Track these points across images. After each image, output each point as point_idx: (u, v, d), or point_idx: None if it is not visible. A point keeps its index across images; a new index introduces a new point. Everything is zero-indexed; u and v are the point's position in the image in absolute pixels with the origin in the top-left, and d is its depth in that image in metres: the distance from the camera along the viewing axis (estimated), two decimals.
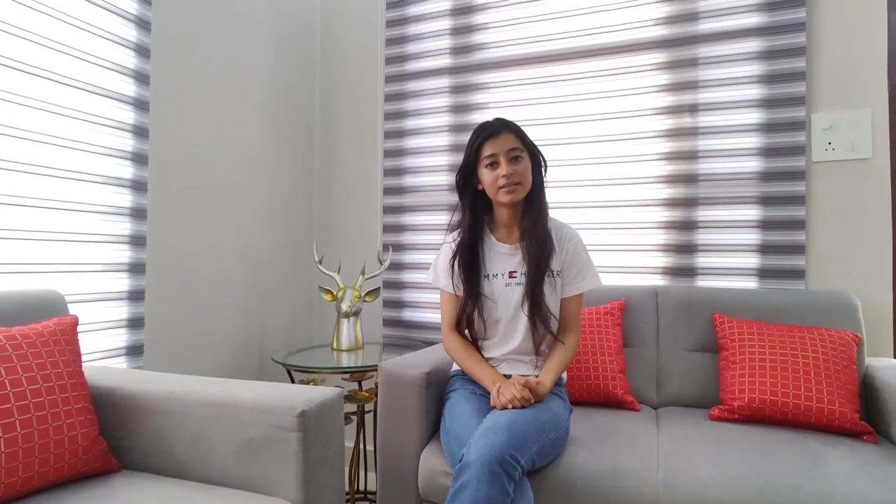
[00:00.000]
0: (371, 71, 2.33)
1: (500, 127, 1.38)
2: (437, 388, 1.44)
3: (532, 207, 1.41)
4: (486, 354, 1.42)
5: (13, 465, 0.92)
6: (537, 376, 1.33)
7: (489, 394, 1.36)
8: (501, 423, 1.12)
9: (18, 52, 1.29)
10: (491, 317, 1.40)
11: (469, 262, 1.41)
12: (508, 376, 1.34)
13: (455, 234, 1.47)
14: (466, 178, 1.43)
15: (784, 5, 1.76)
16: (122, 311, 1.56)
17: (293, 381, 1.87)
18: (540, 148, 1.43)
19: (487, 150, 1.36)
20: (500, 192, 1.36)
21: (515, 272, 1.40)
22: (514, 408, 1.20)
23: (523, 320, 1.37)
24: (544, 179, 1.44)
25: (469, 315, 1.41)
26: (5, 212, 1.28)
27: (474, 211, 1.45)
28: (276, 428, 1.05)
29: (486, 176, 1.38)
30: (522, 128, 1.41)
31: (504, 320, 1.40)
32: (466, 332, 1.44)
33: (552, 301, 1.39)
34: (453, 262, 1.42)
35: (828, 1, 1.74)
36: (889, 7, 1.70)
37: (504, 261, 1.42)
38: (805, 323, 1.55)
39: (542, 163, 1.43)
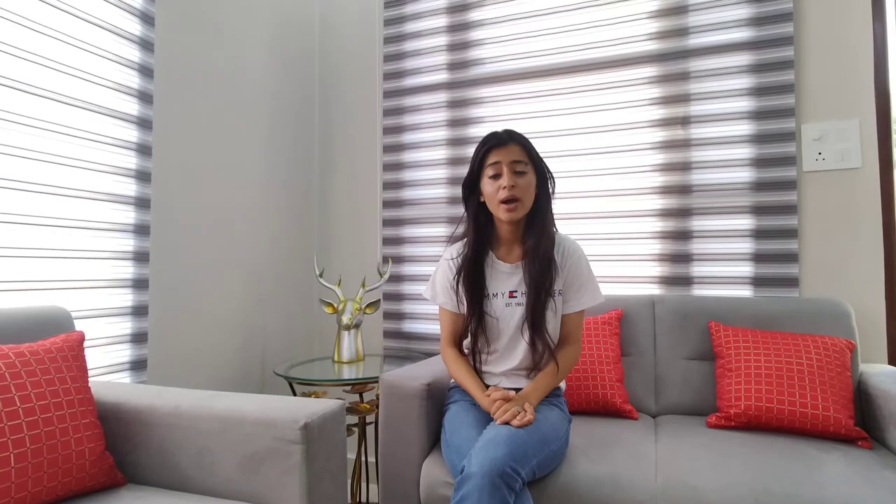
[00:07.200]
0: (369, 86, 2.37)
1: (508, 138, 1.37)
2: (438, 399, 1.45)
3: (535, 227, 1.38)
4: (488, 369, 1.41)
5: (22, 481, 0.93)
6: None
7: None
8: (502, 435, 1.12)
9: (23, 74, 1.32)
10: (493, 335, 1.39)
11: (473, 278, 1.39)
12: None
13: (453, 249, 1.46)
14: (471, 190, 1.42)
15: (772, 20, 1.80)
16: (126, 326, 1.58)
17: (295, 394, 1.88)
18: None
19: (492, 158, 1.35)
20: (500, 207, 1.34)
21: (515, 292, 1.38)
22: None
23: (524, 340, 1.36)
24: (551, 198, 1.42)
25: (473, 333, 1.38)
26: (11, 230, 1.31)
27: (478, 224, 1.42)
28: (280, 441, 1.07)
29: (488, 187, 1.36)
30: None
31: (505, 339, 1.38)
32: (469, 347, 1.41)
33: (553, 323, 1.37)
34: (457, 279, 1.40)
35: (815, 15, 1.79)
36: (874, 19, 1.74)
37: (504, 280, 1.40)
38: (799, 330, 1.58)
39: (549, 179, 1.41)
